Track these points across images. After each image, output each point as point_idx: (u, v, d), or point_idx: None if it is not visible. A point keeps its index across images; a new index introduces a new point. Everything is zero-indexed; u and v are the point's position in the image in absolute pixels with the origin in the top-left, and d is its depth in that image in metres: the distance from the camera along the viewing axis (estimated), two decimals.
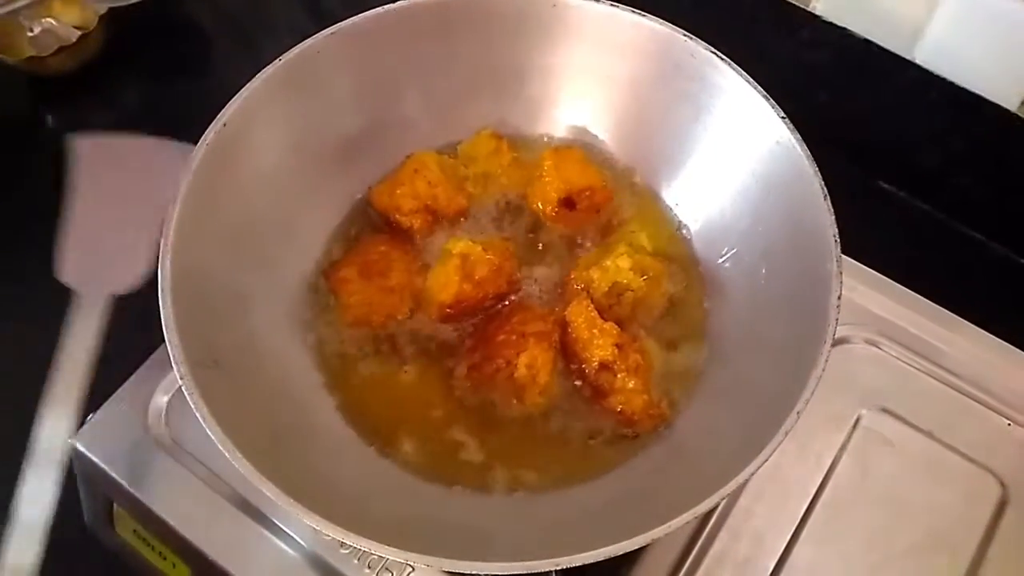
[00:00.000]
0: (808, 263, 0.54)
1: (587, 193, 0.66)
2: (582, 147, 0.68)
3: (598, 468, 0.57)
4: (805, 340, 0.50)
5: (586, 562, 0.44)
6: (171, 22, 0.93)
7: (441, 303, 0.60)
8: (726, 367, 0.59)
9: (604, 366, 0.58)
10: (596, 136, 0.70)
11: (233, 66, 0.89)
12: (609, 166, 0.69)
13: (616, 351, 0.58)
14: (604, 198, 0.66)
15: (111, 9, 0.86)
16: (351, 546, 0.45)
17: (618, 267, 0.61)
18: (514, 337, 0.58)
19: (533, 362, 0.57)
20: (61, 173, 0.82)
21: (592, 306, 0.60)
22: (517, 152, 0.68)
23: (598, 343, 0.58)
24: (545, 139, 0.70)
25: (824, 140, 0.58)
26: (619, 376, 0.58)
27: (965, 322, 0.69)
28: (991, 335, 0.69)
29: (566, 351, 0.60)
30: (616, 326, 0.59)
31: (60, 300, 0.74)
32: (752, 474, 0.46)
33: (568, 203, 0.66)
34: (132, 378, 0.66)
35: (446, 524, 0.54)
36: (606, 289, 0.61)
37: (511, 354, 0.58)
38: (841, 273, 0.51)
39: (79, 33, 0.84)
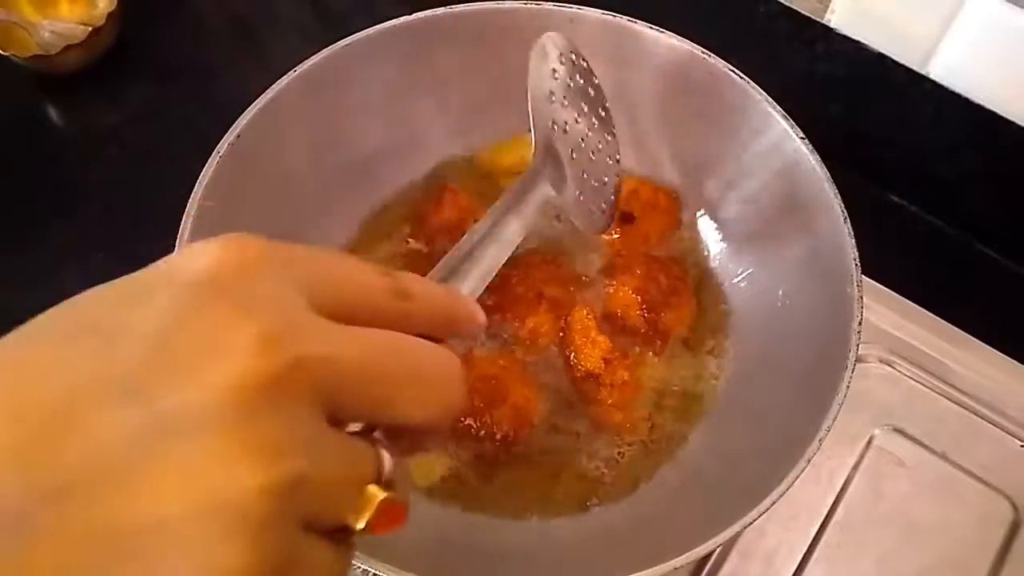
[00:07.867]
0: (828, 287, 0.53)
1: (630, 198, 0.65)
2: None
3: (615, 492, 0.57)
4: (825, 365, 0.50)
5: None
6: (180, 22, 0.92)
7: None
8: (743, 390, 0.58)
9: (590, 375, 0.59)
10: None
11: (242, 68, 0.88)
12: None
13: (603, 365, 0.58)
14: (632, 188, 0.65)
15: (119, 8, 0.84)
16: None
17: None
18: (531, 295, 0.60)
19: (538, 328, 0.59)
20: (65, 173, 0.82)
21: (591, 315, 0.60)
22: None
23: (588, 353, 0.59)
24: None
25: (836, 154, 0.58)
26: (602, 389, 0.58)
27: (979, 342, 0.69)
28: (1006, 356, 0.68)
29: (562, 349, 0.60)
30: (608, 340, 0.59)
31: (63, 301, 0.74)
32: (773, 503, 0.45)
33: (626, 219, 0.65)
34: None
35: (458, 547, 0.54)
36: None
37: (522, 311, 0.59)
38: (862, 298, 0.51)
39: (87, 31, 0.83)
